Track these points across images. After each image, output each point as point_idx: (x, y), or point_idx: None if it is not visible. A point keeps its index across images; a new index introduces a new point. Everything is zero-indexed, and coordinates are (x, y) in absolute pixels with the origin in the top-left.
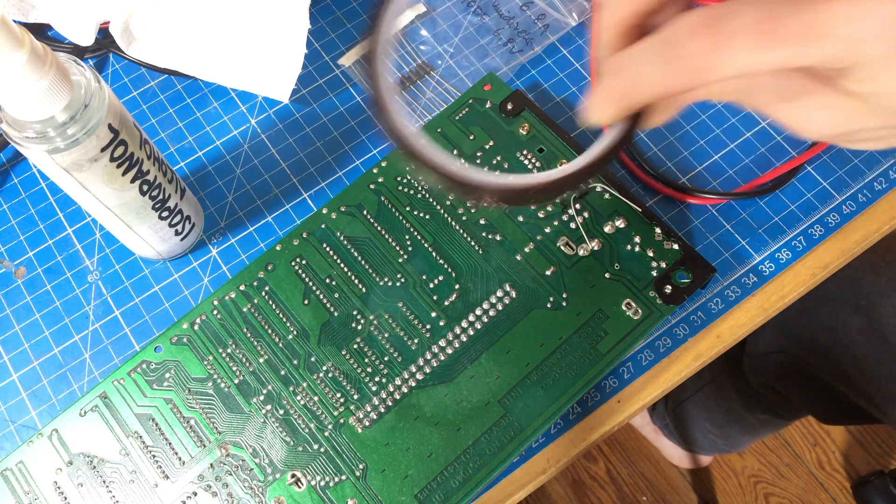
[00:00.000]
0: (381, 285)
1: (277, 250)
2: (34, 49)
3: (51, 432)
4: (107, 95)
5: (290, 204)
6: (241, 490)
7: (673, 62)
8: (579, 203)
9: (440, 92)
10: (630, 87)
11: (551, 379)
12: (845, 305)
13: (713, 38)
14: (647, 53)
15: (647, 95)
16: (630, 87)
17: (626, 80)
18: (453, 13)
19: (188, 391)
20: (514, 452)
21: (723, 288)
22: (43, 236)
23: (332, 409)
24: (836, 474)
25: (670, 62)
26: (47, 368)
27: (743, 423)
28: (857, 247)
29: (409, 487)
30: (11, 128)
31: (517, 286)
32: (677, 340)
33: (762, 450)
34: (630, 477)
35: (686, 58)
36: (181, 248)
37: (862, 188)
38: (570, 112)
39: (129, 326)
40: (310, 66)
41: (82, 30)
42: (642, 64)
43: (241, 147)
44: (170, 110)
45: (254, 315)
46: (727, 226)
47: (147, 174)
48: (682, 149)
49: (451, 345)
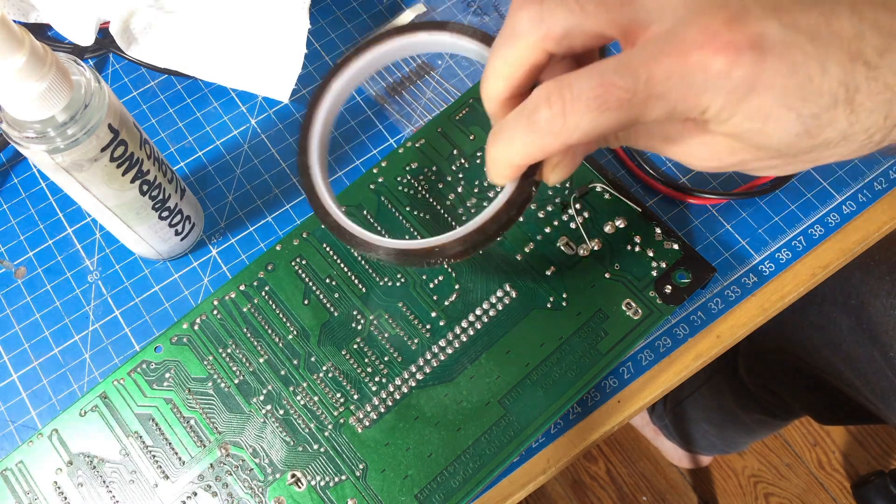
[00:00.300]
0: (381, 285)
1: (277, 250)
2: (34, 49)
3: (51, 432)
4: (107, 95)
5: (290, 204)
6: (241, 490)
7: (532, 130)
8: (579, 203)
9: (440, 92)
10: (507, 152)
11: (551, 379)
12: (835, 305)
13: (558, 107)
14: (513, 123)
15: (523, 158)
16: (507, 152)
17: (502, 147)
18: (453, 13)
19: (188, 391)
20: (514, 452)
21: (723, 288)
22: (43, 236)
23: (332, 409)
24: (836, 474)
25: (530, 130)
26: (47, 368)
27: (739, 423)
28: (857, 247)
29: (409, 487)
30: (11, 128)
31: (517, 286)
32: (677, 340)
33: (762, 450)
34: (630, 477)
35: (542, 125)
36: (181, 248)
37: (862, 188)
38: None
39: (129, 326)
40: (310, 66)
41: (82, 30)
42: (511, 131)
43: (241, 147)
44: (170, 110)
45: (254, 315)
46: (727, 226)
47: (147, 174)
48: None
49: (451, 345)
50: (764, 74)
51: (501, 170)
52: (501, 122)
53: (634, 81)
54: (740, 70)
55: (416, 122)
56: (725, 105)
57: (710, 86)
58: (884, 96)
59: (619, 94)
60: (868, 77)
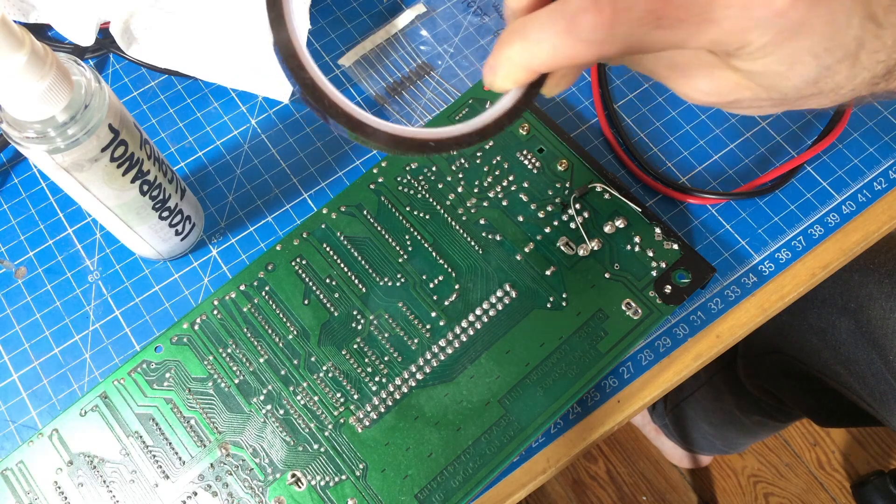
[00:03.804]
0: (381, 285)
1: (277, 250)
2: (35, 49)
3: (51, 432)
4: (107, 96)
5: (291, 204)
6: (242, 490)
7: (570, 33)
8: (579, 203)
9: (440, 92)
10: (528, 54)
11: (551, 379)
12: (834, 307)
13: (610, 15)
14: (547, 22)
15: (545, 63)
16: (528, 54)
17: (525, 47)
18: (453, 13)
19: (188, 391)
20: (514, 452)
21: (723, 288)
22: (43, 236)
23: (332, 409)
24: (836, 474)
25: (568, 33)
26: (48, 368)
27: (738, 424)
28: (856, 247)
29: (409, 487)
30: (12, 128)
31: (517, 286)
32: (677, 340)
33: (762, 450)
34: (630, 477)
35: (583, 31)
36: (181, 248)
37: (862, 188)
38: (570, 112)
39: (129, 326)
40: None
41: (83, 30)
42: (542, 31)
43: (241, 147)
44: (170, 110)
45: (254, 315)
46: (727, 226)
47: (147, 174)
48: (682, 149)
49: (451, 345)
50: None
51: (515, 72)
52: (527, 18)
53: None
54: (796, 12)
55: (416, 122)
56: (768, 43)
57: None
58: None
59: (675, 12)
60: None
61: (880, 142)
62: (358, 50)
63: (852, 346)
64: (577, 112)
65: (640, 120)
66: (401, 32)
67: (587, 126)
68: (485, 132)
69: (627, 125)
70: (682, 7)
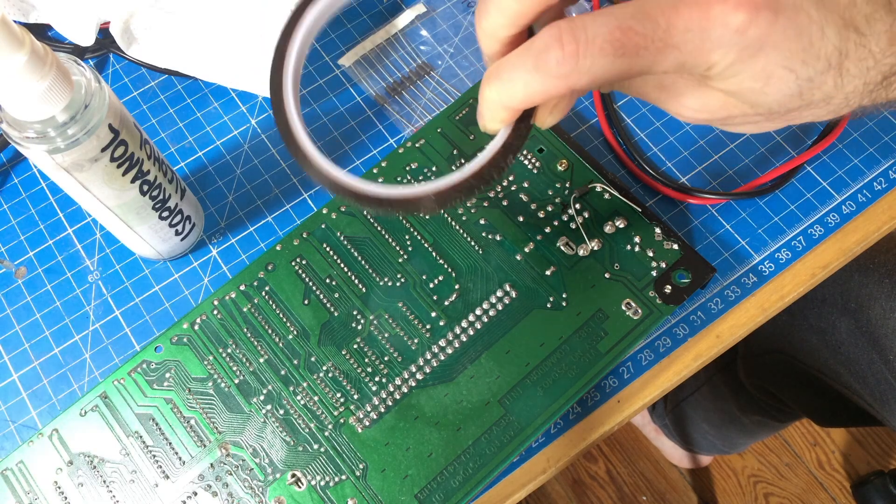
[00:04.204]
0: (381, 285)
1: (277, 250)
2: (35, 49)
3: (51, 432)
4: (107, 96)
5: (291, 204)
6: (242, 490)
7: (538, 70)
8: (579, 203)
9: (440, 92)
10: (505, 93)
11: (551, 379)
12: (834, 307)
13: (573, 49)
14: (517, 62)
15: (521, 100)
16: (505, 93)
17: (501, 88)
18: (453, 13)
19: (188, 391)
20: (514, 452)
21: (723, 288)
22: (43, 236)
23: (332, 409)
24: (836, 474)
25: (536, 70)
26: (47, 368)
27: (738, 424)
28: (856, 247)
29: (409, 487)
30: (12, 128)
31: (517, 286)
32: (677, 340)
33: (762, 450)
34: (630, 477)
35: (550, 67)
36: (181, 248)
37: (862, 188)
38: (570, 112)
39: (129, 326)
40: (310, 66)
41: (82, 30)
42: (513, 71)
43: (241, 147)
44: (170, 110)
45: (254, 315)
46: (727, 226)
47: (147, 174)
48: (682, 149)
49: (451, 345)
50: (774, 35)
51: (497, 112)
52: (501, 61)
53: (653, 29)
54: (756, 28)
55: (416, 122)
56: (734, 62)
57: (726, 41)
58: (866, 63)
59: (636, 40)
60: (857, 43)
61: (880, 142)
62: (358, 50)
63: (852, 345)
64: (577, 112)
65: (640, 120)
66: (401, 32)
67: (587, 126)
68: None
69: (627, 125)
70: (641, 35)
